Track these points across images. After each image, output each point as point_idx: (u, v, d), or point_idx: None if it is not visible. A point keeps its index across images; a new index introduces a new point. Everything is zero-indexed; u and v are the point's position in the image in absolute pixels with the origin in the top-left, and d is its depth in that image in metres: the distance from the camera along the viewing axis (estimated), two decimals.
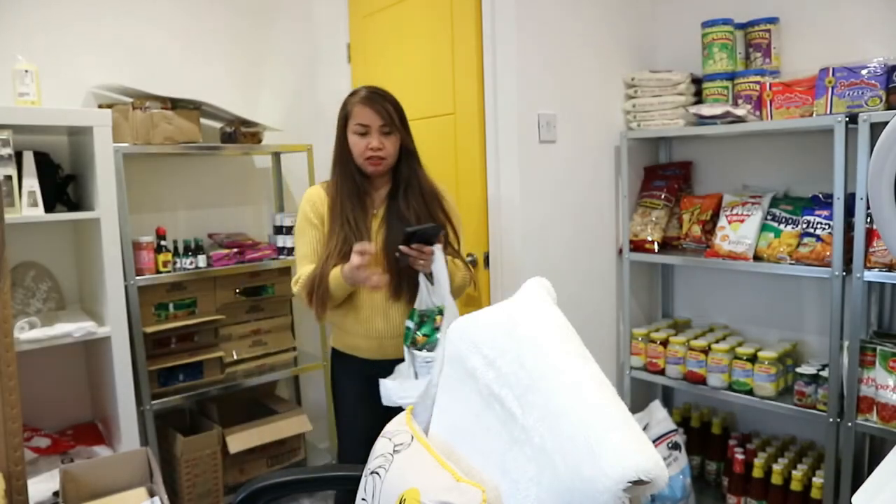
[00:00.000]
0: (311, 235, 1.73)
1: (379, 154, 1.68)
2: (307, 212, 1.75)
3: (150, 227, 2.34)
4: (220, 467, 2.32)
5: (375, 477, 1.06)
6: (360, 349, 1.75)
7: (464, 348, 1.13)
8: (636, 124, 2.30)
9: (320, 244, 1.72)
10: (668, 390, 2.48)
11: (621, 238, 2.34)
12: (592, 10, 2.22)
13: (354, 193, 1.71)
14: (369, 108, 1.66)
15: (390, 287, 1.68)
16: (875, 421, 1.75)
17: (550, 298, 1.13)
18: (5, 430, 1.48)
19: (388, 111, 1.67)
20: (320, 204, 1.74)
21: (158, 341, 2.28)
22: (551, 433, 0.91)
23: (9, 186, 1.85)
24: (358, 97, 1.69)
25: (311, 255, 1.72)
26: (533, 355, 1.00)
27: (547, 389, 0.95)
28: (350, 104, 1.70)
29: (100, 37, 2.32)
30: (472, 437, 1.07)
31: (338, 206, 1.70)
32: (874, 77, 1.72)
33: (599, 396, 0.91)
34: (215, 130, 2.54)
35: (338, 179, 1.73)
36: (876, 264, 1.75)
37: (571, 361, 0.97)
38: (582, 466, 0.84)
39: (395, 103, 1.71)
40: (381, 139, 1.67)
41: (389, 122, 1.67)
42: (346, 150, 1.72)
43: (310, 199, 1.76)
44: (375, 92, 1.70)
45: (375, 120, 1.66)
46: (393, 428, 1.17)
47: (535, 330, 1.04)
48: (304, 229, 1.75)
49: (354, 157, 1.70)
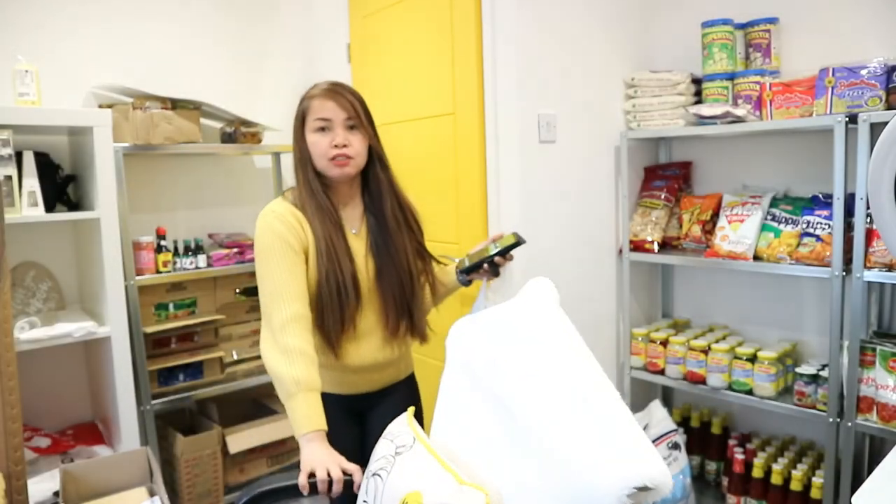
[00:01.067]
0: (289, 259, 1.36)
1: (345, 152, 1.41)
2: (282, 232, 1.37)
3: (150, 227, 2.34)
4: (220, 467, 2.32)
5: (377, 479, 1.05)
6: (332, 384, 1.49)
7: (466, 350, 1.12)
8: (636, 124, 2.30)
9: (303, 277, 1.37)
10: (668, 390, 2.48)
11: (621, 238, 2.34)
12: (593, 11, 2.22)
13: (319, 207, 1.43)
14: (330, 100, 1.41)
15: (385, 320, 1.48)
16: (875, 421, 1.75)
17: (553, 299, 1.11)
18: (5, 430, 1.48)
19: (353, 103, 1.43)
20: (298, 225, 1.40)
21: (158, 341, 2.28)
22: (554, 437, 0.90)
23: (9, 186, 1.85)
24: (316, 90, 1.45)
25: (292, 286, 1.34)
26: (535, 358, 0.99)
27: (549, 393, 0.94)
28: (307, 98, 1.45)
29: (100, 37, 2.32)
30: (475, 440, 1.06)
31: (314, 219, 1.41)
32: (874, 77, 1.72)
33: (603, 401, 0.90)
34: (215, 130, 2.54)
35: (301, 192, 1.45)
36: (876, 264, 1.75)
37: (574, 365, 0.96)
38: (586, 472, 0.83)
39: (359, 97, 1.47)
40: (345, 135, 1.42)
41: (354, 115, 1.42)
42: (306, 155, 1.45)
43: (282, 218, 1.40)
44: (336, 83, 1.46)
45: (338, 113, 1.41)
46: (395, 429, 1.14)
47: (537, 332, 1.02)
48: (282, 252, 1.36)
49: (316, 161, 1.43)
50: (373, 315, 1.49)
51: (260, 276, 1.39)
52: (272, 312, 1.34)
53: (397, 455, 1.06)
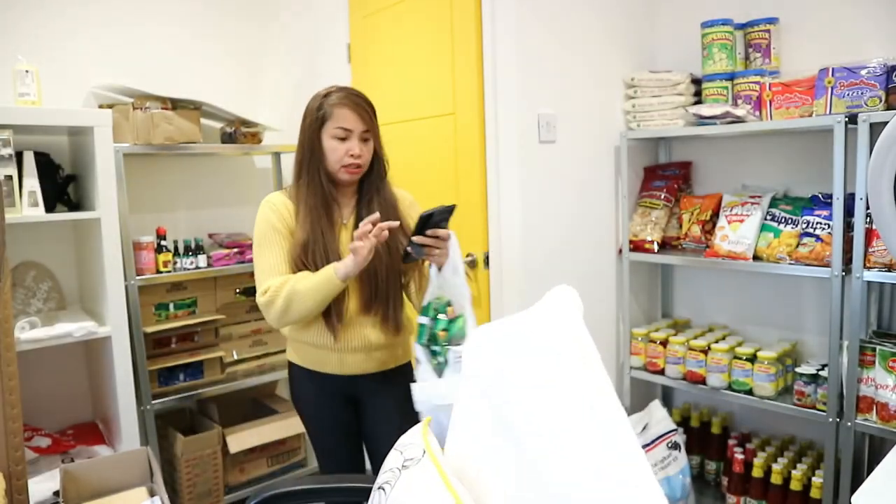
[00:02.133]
0: (280, 245, 1.57)
1: (358, 162, 1.56)
2: (272, 220, 1.58)
3: (150, 227, 2.34)
4: (220, 467, 2.32)
5: (381, 493, 1.01)
6: (326, 364, 1.62)
7: (477, 359, 1.07)
8: (636, 124, 2.30)
9: (290, 256, 1.56)
10: (668, 390, 2.49)
11: (621, 238, 2.34)
12: (592, 11, 2.22)
13: (322, 202, 1.57)
14: (352, 111, 1.54)
15: (362, 299, 1.58)
16: (874, 421, 1.76)
17: (574, 309, 1.03)
18: (6, 430, 1.48)
19: (370, 116, 1.57)
20: (286, 213, 1.59)
21: (159, 341, 2.28)
22: (559, 465, 0.87)
23: (9, 186, 1.85)
24: (337, 98, 1.55)
25: (279, 265, 1.55)
26: (541, 372, 0.94)
27: (552, 409, 0.90)
28: (328, 105, 1.55)
29: (100, 37, 2.32)
30: (483, 458, 1.01)
31: (305, 216, 1.56)
32: (874, 77, 1.72)
33: (605, 424, 0.86)
34: (215, 130, 2.54)
35: (304, 187, 1.59)
36: (875, 264, 1.75)
37: (581, 381, 0.91)
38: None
39: (373, 108, 1.60)
40: (361, 146, 1.56)
41: (371, 127, 1.57)
42: (318, 156, 1.57)
43: (274, 208, 1.60)
44: (356, 94, 1.58)
45: (358, 125, 1.55)
46: (407, 440, 1.09)
47: (547, 344, 0.97)
48: (271, 238, 1.57)
49: (329, 164, 1.57)
50: (357, 301, 1.60)
51: (254, 256, 1.61)
52: (262, 280, 1.55)
53: (404, 469, 1.02)
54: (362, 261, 1.44)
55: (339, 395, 1.66)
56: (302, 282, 1.49)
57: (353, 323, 1.59)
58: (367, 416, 1.69)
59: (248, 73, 2.69)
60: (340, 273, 1.46)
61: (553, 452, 0.89)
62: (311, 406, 1.69)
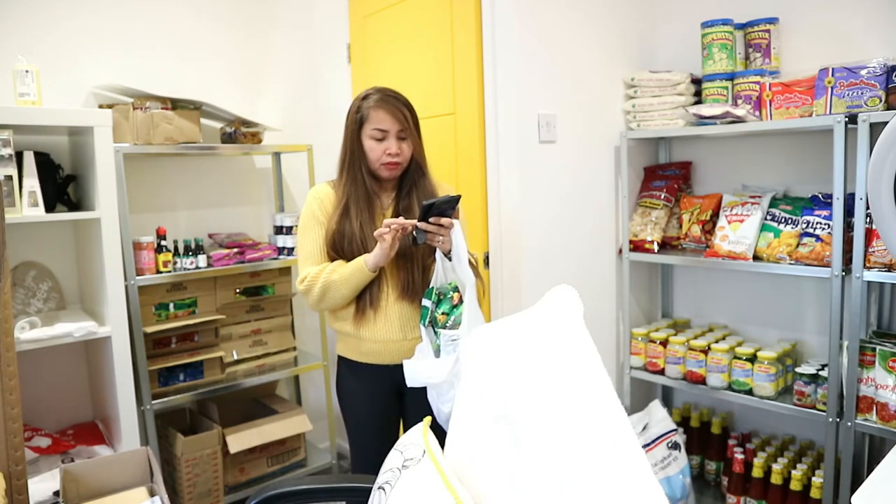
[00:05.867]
0: (318, 234, 1.68)
1: (396, 160, 1.65)
2: (315, 210, 1.70)
3: (150, 227, 2.34)
4: (220, 467, 2.32)
5: (381, 493, 1.01)
6: (377, 354, 1.69)
7: (480, 362, 1.06)
8: (636, 124, 2.31)
9: (326, 244, 1.68)
10: (668, 390, 2.49)
11: (621, 238, 2.34)
12: (592, 11, 2.22)
13: (364, 197, 1.67)
14: (387, 112, 1.63)
15: (400, 285, 1.66)
16: (874, 421, 1.76)
17: (574, 310, 1.03)
18: (6, 430, 1.48)
19: (406, 115, 1.65)
20: (328, 202, 1.70)
21: (158, 341, 2.28)
22: (559, 465, 0.86)
23: (9, 186, 1.85)
24: (373, 101, 1.64)
25: (317, 254, 1.67)
26: (546, 383, 0.93)
27: (557, 421, 0.89)
28: (365, 108, 1.65)
29: (100, 37, 2.32)
30: (483, 459, 1.01)
31: (346, 208, 1.66)
32: (873, 77, 1.72)
33: (612, 434, 0.85)
34: (215, 130, 2.54)
35: (347, 183, 1.69)
36: (875, 264, 1.75)
37: (585, 394, 0.90)
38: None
39: (410, 107, 1.68)
40: (399, 144, 1.64)
41: (407, 126, 1.65)
42: (359, 155, 1.67)
43: (317, 197, 1.72)
44: (392, 95, 1.66)
45: (394, 125, 1.63)
46: (407, 440, 1.10)
47: (546, 346, 0.97)
48: (311, 227, 1.69)
49: (370, 162, 1.66)
50: (392, 291, 1.67)
51: (298, 240, 1.74)
52: (302, 266, 1.69)
53: (404, 469, 1.02)
54: (388, 249, 1.54)
55: (384, 386, 1.71)
56: (336, 272, 1.61)
57: (390, 311, 1.66)
58: (409, 406, 1.74)
59: (249, 73, 2.69)
60: (370, 263, 1.58)
61: (553, 453, 0.88)
62: (356, 396, 1.74)
